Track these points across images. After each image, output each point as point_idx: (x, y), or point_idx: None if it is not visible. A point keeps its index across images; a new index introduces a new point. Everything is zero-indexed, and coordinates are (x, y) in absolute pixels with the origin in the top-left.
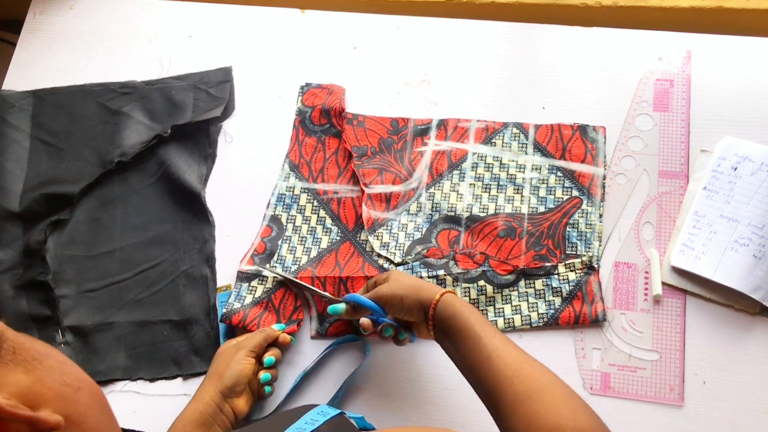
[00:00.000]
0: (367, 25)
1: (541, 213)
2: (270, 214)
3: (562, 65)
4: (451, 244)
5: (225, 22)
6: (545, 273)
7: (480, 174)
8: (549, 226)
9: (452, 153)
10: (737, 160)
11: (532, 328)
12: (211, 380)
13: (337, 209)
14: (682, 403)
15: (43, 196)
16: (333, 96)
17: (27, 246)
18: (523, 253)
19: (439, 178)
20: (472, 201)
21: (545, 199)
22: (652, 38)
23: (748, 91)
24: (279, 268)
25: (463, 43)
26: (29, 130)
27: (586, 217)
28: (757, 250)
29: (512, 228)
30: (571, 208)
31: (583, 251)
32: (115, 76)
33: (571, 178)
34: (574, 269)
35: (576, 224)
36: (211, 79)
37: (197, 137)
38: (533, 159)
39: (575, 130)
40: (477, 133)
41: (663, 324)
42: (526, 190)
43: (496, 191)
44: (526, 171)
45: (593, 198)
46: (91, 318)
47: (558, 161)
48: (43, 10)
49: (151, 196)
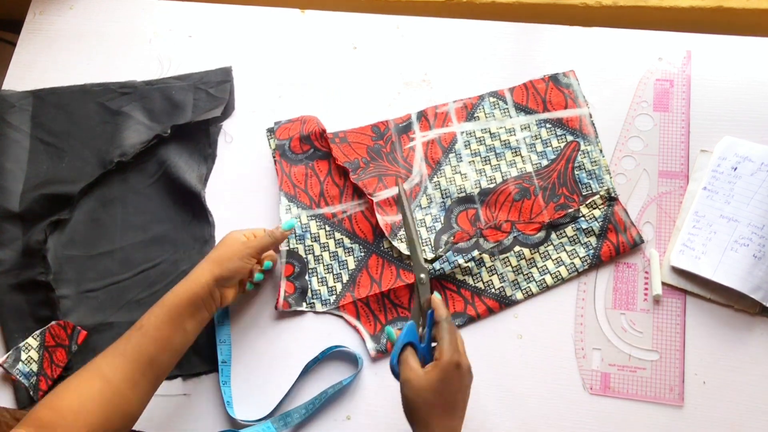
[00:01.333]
0: (367, 25)
1: (545, 166)
2: (285, 250)
3: (562, 65)
4: (472, 222)
5: (225, 22)
6: (571, 219)
7: (475, 149)
8: (557, 176)
9: (441, 139)
10: (737, 160)
11: (579, 274)
12: (209, 265)
13: (351, 227)
14: (682, 403)
15: (43, 196)
16: (308, 123)
17: (27, 246)
18: (543, 209)
19: (438, 166)
20: (477, 177)
21: (545, 153)
22: (652, 38)
23: (748, 91)
24: (318, 304)
25: (463, 43)
26: (29, 130)
27: (588, 156)
28: (757, 250)
29: (525, 189)
30: (571, 153)
31: (598, 187)
32: (115, 76)
33: (561, 125)
34: (597, 206)
35: (582, 165)
36: (211, 79)
37: (197, 137)
38: (519, 120)
39: (547, 82)
40: (458, 113)
41: (663, 324)
42: (523, 150)
43: (496, 160)
44: (516, 133)
45: (588, 137)
46: (91, 318)
47: (542, 114)
48: (43, 10)
49: (151, 196)
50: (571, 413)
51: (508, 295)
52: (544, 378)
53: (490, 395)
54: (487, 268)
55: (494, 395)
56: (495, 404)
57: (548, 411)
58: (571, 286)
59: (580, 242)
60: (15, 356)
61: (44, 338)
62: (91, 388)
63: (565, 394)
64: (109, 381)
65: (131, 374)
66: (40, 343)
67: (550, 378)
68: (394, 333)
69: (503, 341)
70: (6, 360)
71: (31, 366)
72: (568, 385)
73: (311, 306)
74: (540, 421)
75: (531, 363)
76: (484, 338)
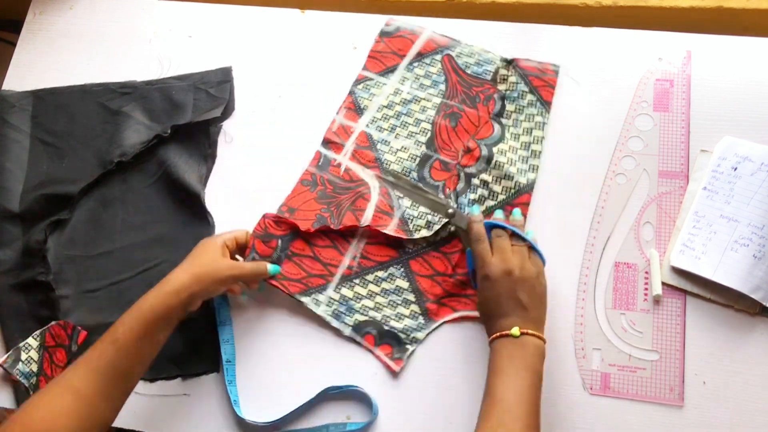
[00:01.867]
0: (367, 25)
1: (446, 90)
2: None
3: (562, 65)
4: (445, 169)
5: (225, 22)
6: (501, 100)
7: (389, 126)
8: (459, 85)
9: (358, 142)
10: (737, 160)
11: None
12: (189, 279)
13: (373, 261)
14: (682, 403)
15: (43, 196)
16: (257, 228)
17: (27, 246)
18: (478, 112)
19: (378, 162)
20: (413, 140)
21: (434, 82)
22: (652, 38)
23: (748, 91)
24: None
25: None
26: (29, 130)
27: (463, 54)
28: (757, 250)
29: (451, 114)
30: (450, 63)
31: (492, 66)
32: (115, 76)
33: (422, 56)
34: (507, 76)
35: (467, 65)
36: (211, 79)
37: (197, 137)
38: (395, 79)
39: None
40: (348, 116)
41: (663, 324)
42: (419, 93)
43: (411, 118)
44: (402, 89)
45: (451, 45)
46: (91, 318)
47: (406, 60)
48: (43, 10)
49: (151, 196)
50: (571, 413)
51: (527, 183)
52: (544, 378)
53: None
54: (493, 181)
55: None
56: None
57: (548, 411)
58: (571, 286)
59: (525, 107)
60: (15, 356)
61: (44, 338)
62: (62, 403)
63: (565, 394)
64: (82, 395)
65: (104, 388)
66: (40, 344)
67: (550, 378)
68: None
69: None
70: (6, 360)
71: (31, 366)
72: (568, 385)
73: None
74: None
75: None
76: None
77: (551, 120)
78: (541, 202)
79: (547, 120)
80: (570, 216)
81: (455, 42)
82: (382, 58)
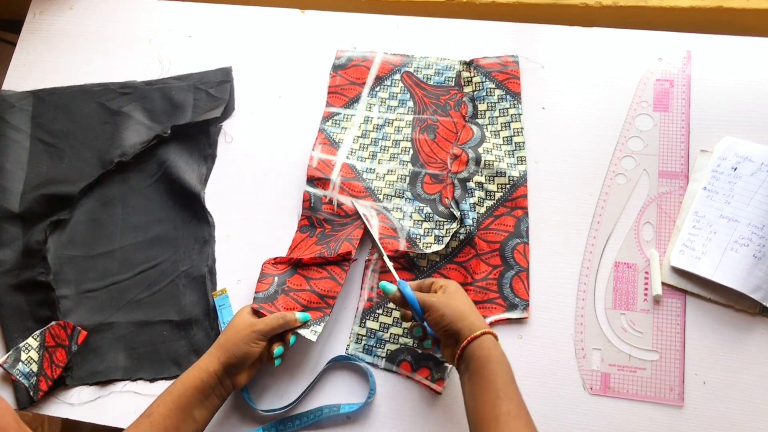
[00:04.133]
0: (367, 25)
1: (411, 104)
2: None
3: (562, 65)
4: (437, 181)
5: (225, 22)
6: (472, 100)
7: (368, 154)
8: (423, 95)
9: (344, 173)
10: (737, 160)
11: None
12: (217, 352)
13: (388, 278)
14: (682, 403)
15: (43, 196)
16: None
17: (27, 246)
18: (453, 119)
19: (369, 191)
20: (396, 161)
21: (394, 95)
22: (652, 38)
23: (748, 91)
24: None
25: (463, 43)
26: (29, 130)
27: (416, 62)
28: (757, 250)
29: (427, 127)
30: (409, 80)
31: (452, 70)
32: (115, 76)
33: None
34: (470, 77)
35: (428, 78)
36: (211, 79)
37: (197, 137)
38: (360, 107)
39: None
40: (324, 149)
41: (663, 324)
42: (390, 115)
43: (387, 141)
44: (370, 111)
45: (408, 59)
46: (91, 318)
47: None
48: (43, 10)
49: (151, 196)
50: (571, 413)
51: (520, 175)
52: (544, 378)
53: None
54: (487, 181)
55: None
56: None
57: (548, 411)
58: (571, 286)
59: (497, 103)
60: (15, 356)
61: (44, 338)
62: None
63: (565, 394)
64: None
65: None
66: (40, 344)
67: (550, 378)
68: (391, 289)
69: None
70: (6, 360)
71: (31, 366)
72: (568, 385)
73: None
74: (540, 421)
75: (531, 363)
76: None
77: (552, 119)
78: (541, 202)
79: (521, 110)
80: (570, 216)
81: (409, 58)
82: (342, 91)
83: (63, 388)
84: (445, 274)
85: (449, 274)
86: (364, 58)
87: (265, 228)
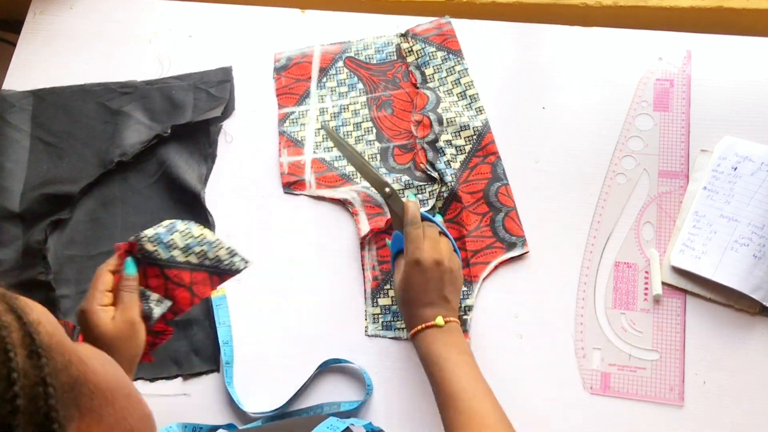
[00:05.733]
0: (367, 25)
1: (356, 96)
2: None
3: (562, 65)
4: (407, 150)
5: (225, 22)
6: (417, 67)
7: (332, 142)
8: (371, 74)
9: (319, 178)
10: (737, 160)
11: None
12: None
13: (386, 252)
14: (682, 403)
15: (43, 196)
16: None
17: (27, 246)
18: (407, 90)
19: (346, 177)
20: (363, 143)
21: (343, 82)
22: (652, 38)
23: (748, 91)
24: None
25: (463, 43)
26: (29, 129)
27: (356, 46)
28: (757, 250)
29: (382, 103)
30: (355, 67)
31: (391, 49)
32: (115, 76)
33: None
34: (410, 47)
35: (357, 50)
36: (211, 79)
37: (197, 137)
38: (316, 98)
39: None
40: (290, 151)
41: (663, 324)
42: (346, 99)
43: (350, 114)
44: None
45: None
46: None
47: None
48: (43, 10)
49: (151, 196)
50: (571, 413)
51: (483, 124)
52: (544, 378)
53: None
54: (454, 137)
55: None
56: None
57: (548, 411)
58: (572, 286)
59: (441, 64)
60: None
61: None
62: None
63: (565, 394)
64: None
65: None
66: None
67: (550, 378)
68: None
69: (503, 341)
70: None
71: None
72: (568, 385)
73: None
74: (540, 421)
75: (531, 363)
76: (483, 338)
77: (552, 119)
78: (541, 201)
79: (466, 65)
80: (570, 216)
81: (347, 43)
82: (289, 91)
83: None
84: None
85: None
86: (303, 54)
87: (266, 228)
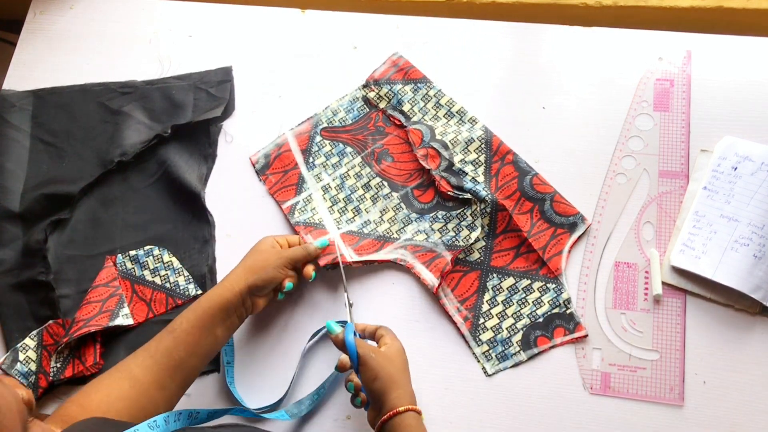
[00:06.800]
0: (367, 25)
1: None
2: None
3: (562, 65)
4: (425, 185)
5: (225, 22)
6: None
7: (351, 213)
8: (367, 123)
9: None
10: (737, 159)
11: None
12: (244, 273)
13: (461, 291)
14: (682, 403)
15: (43, 196)
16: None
17: (27, 245)
18: (414, 149)
19: (383, 240)
20: (384, 201)
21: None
22: (652, 38)
23: (748, 91)
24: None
25: (463, 43)
26: (29, 129)
27: (342, 101)
28: (757, 249)
29: (382, 153)
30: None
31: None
32: (115, 76)
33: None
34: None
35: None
36: (211, 79)
37: (197, 137)
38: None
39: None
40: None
41: (663, 324)
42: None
43: (363, 200)
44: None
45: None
46: None
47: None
48: (43, 10)
49: (151, 196)
50: (571, 413)
51: (484, 131)
52: (544, 378)
53: (491, 395)
54: (464, 154)
55: (494, 395)
56: (495, 404)
57: (548, 411)
58: (572, 286)
59: (415, 95)
60: (13, 357)
61: (42, 337)
62: (120, 388)
63: (565, 394)
64: (139, 382)
65: (160, 376)
66: (38, 343)
67: (550, 378)
68: (335, 330)
69: None
70: (4, 361)
71: (30, 366)
72: (568, 385)
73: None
74: (540, 420)
75: (531, 363)
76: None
77: (552, 119)
78: None
79: (438, 87)
80: None
81: (314, 117)
82: (282, 185)
83: (63, 386)
84: (500, 248)
85: (503, 245)
86: (278, 146)
87: (266, 228)
